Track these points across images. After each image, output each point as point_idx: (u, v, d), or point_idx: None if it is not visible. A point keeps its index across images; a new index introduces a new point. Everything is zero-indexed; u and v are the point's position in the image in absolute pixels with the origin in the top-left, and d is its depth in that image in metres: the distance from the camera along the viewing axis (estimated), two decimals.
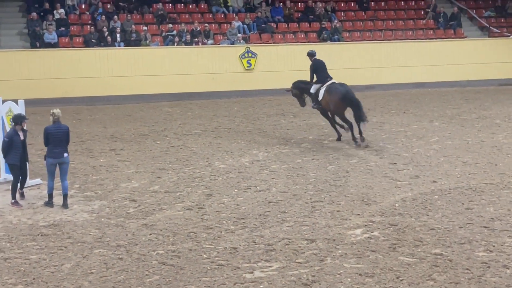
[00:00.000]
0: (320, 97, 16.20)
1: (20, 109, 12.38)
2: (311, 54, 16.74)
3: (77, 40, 24.84)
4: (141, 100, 23.60)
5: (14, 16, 25.81)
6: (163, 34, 25.51)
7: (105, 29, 24.70)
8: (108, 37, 24.46)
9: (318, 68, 16.42)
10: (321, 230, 9.94)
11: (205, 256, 9.00)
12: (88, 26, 25.22)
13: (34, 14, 24.53)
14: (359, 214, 10.68)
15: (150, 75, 24.28)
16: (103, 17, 25.19)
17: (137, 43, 24.76)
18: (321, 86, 16.25)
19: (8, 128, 12.75)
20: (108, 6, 26.24)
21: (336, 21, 27.43)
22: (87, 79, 23.70)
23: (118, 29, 24.84)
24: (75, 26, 25.42)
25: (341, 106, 15.95)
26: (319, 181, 12.71)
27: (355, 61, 26.06)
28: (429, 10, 29.12)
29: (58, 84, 23.28)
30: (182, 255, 9.04)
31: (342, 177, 13.01)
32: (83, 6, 26.38)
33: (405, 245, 9.27)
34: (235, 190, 12.21)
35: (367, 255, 8.91)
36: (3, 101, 12.96)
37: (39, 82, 23.06)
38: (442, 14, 28.71)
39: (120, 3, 26.42)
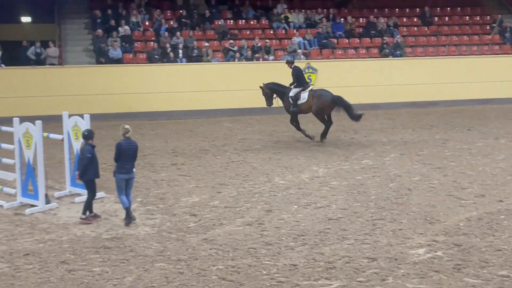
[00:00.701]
0: (302, 101, 17.96)
1: (85, 124, 12.64)
2: (291, 62, 18.75)
3: (141, 56, 25.34)
4: (202, 115, 23.85)
5: (80, 33, 26.53)
6: (224, 50, 25.75)
7: (168, 45, 25.13)
8: (171, 53, 24.88)
9: (300, 74, 18.30)
10: (383, 249, 9.77)
11: (264, 272, 8.96)
12: (152, 42, 25.71)
13: (99, 31, 25.17)
14: (422, 233, 10.45)
15: (211, 90, 24.50)
16: (166, 33, 25.64)
17: (198, 59, 25.09)
18: (302, 90, 17.99)
19: (74, 143, 13.06)
20: (171, 23, 26.71)
21: (398, 36, 27.10)
22: (150, 95, 24.11)
23: (181, 45, 25.24)
24: (139, 42, 25.95)
25: (330, 108, 17.76)
26: (380, 199, 12.52)
27: (417, 77, 25.69)
28: (495, 25, 28.47)
29: (122, 99, 23.75)
30: (242, 270, 9.03)
31: (404, 195, 12.78)
32: (147, 23, 26.93)
33: (470, 266, 9.02)
34: (295, 206, 12.14)
35: (430, 276, 8.70)
36: (69, 116, 13.27)
37: (104, 97, 23.57)
38: (508, 29, 28.03)
39: (183, 20, 26.86)
